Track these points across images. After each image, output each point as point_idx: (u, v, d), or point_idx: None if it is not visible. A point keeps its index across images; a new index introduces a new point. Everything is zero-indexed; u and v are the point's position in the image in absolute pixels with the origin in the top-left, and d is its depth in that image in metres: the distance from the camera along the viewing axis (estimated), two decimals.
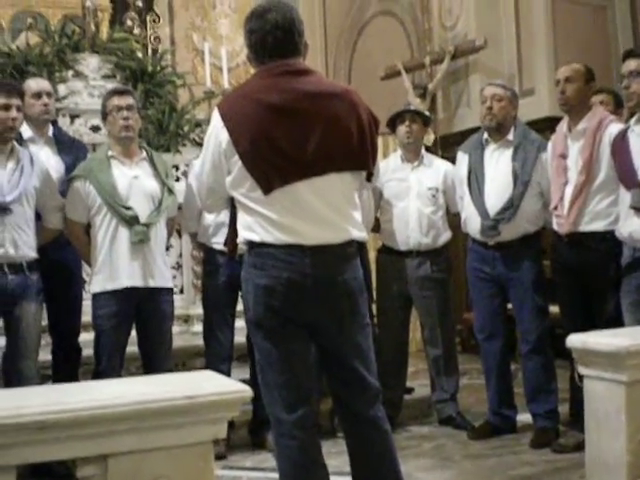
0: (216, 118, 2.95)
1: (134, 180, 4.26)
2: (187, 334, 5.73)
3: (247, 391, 2.35)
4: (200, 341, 4.83)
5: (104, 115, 4.36)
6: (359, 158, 2.96)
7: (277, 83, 2.91)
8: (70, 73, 6.40)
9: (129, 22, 9.56)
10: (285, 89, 2.89)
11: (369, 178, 3.06)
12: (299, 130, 2.86)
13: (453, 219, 5.14)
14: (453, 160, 5.16)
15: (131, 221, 4.18)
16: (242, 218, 2.97)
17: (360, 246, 3.12)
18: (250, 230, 2.92)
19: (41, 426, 2.14)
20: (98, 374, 4.17)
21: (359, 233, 3.00)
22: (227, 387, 2.37)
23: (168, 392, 2.31)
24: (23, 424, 2.13)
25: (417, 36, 9.11)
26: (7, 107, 4.04)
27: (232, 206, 3.08)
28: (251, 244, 2.93)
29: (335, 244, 2.91)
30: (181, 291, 6.02)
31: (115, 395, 2.30)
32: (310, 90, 2.91)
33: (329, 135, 2.87)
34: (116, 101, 4.29)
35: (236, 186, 2.93)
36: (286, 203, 2.86)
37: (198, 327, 5.19)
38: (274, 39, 2.92)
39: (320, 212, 2.89)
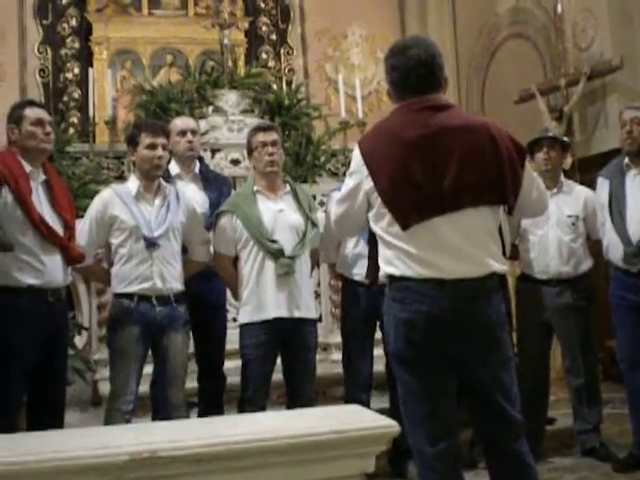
0: (357, 156, 3.01)
1: (279, 214, 4.34)
2: (326, 362, 5.76)
3: (394, 426, 2.36)
4: (339, 369, 4.86)
5: (249, 151, 4.45)
6: (497, 192, 2.95)
7: (416, 119, 2.93)
8: (210, 109, 6.62)
9: (264, 55, 9.85)
10: (422, 124, 2.91)
11: (510, 211, 3.04)
12: (436, 165, 2.88)
13: (594, 246, 5.04)
14: (592, 183, 5.06)
15: (277, 254, 4.25)
16: (382, 252, 3.01)
17: (500, 277, 3.10)
18: (390, 264, 2.96)
19: (197, 459, 2.21)
20: (244, 402, 4.27)
21: (500, 266, 2.98)
22: (375, 422, 2.40)
23: (317, 427, 2.35)
24: (180, 457, 2.20)
25: (551, 58, 8.96)
26: (153, 146, 4.21)
27: (372, 239, 3.13)
28: (392, 278, 2.96)
29: (475, 278, 2.90)
30: (319, 320, 6.08)
31: (267, 429, 2.37)
32: (447, 124, 2.92)
33: (466, 169, 2.87)
34: (261, 137, 4.39)
35: (376, 220, 2.99)
36: (425, 238, 2.89)
37: (337, 355, 5.23)
38: (417, 76, 2.95)
39: (459, 246, 2.89)
